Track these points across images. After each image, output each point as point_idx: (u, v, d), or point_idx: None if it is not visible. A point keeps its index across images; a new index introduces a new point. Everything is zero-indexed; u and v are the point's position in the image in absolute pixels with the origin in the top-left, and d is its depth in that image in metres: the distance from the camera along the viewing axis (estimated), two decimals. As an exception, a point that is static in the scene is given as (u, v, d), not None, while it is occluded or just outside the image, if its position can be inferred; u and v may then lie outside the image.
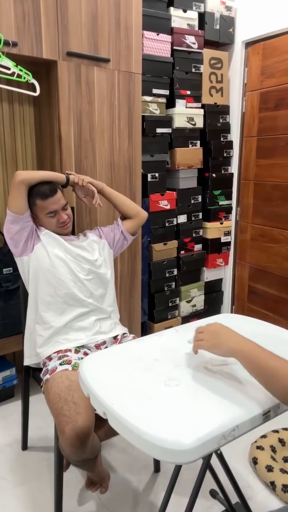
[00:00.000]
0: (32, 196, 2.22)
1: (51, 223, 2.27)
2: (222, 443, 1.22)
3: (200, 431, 1.20)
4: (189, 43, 3.42)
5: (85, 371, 1.53)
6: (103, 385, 1.44)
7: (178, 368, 1.54)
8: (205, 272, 3.98)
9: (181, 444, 1.16)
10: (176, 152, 3.50)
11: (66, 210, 2.30)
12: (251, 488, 2.34)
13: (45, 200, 2.20)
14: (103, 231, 2.54)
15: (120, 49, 2.89)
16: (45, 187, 2.21)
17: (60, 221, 2.27)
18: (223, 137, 3.81)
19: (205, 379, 1.47)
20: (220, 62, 3.67)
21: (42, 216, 2.25)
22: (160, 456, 1.18)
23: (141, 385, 1.43)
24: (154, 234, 3.49)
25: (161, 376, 1.49)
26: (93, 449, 1.91)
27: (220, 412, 1.28)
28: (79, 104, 2.79)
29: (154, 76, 3.28)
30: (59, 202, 2.24)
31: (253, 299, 3.96)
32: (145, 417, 1.26)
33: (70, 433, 1.75)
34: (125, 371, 1.53)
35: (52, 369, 2.02)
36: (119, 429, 1.29)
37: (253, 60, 3.64)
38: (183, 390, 1.40)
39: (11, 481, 2.39)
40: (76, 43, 2.71)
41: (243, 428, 1.27)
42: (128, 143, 3.06)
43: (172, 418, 1.26)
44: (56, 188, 2.25)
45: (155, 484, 2.37)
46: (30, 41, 2.55)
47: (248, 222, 3.89)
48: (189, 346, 1.71)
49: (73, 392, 1.86)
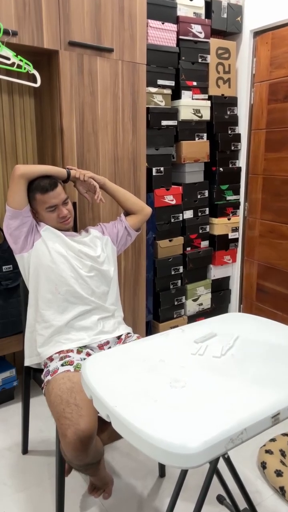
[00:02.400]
0: (31, 190, 2.23)
1: (51, 218, 2.28)
2: (229, 447, 1.20)
3: (207, 435, 1.18)
4: (196, 32, 3.41)
5: (87, 372, 1.52)
6: (106, 386, 1.43)
7: (184, 369, 1.53)
8: (212, 270, 3.97)
9: (187, 448, 1.14)
10: (182, 145, 3.49)
11: (66, 204, 2.31)
12: (259, 494, 2.33)
13: (45, 194, 2.21)
14: (106, 227, 2.54)
15: (124, 38, 2.89)
16: (45, 181, 2.22)
17: (60, 215, 2.28)
18: (230, 130, 3.79)
19: (212, 381, 1.45)
20: (227, 52, 3.66)
21: (42, 211, 2.26)
22: (165, 460, 1.17)
23: (145, 387, 1.42)
24: (159, 230, 3.48)
25: (167, 377, 1.47)
26: (96, 453, 1.90)
27: (227, 414, 1.27)
28: (81, 95, 2.78)
29: (159, 66, 3.27)
30: (59, 197, 2.25)
31: (261, 297, 3.95)
32: (150, 420, 1.24)
33: (72, 436, 1.75)
34: (129, 372, 1.52)
35: (53, 370, 2.01)
36: (123, 432, 1.28)
37: (262, 50, 3.62)
38: (189, 392, 1.39)
39: (11, 486, 2.38)
40: (79, 32, 2.70)
41: (251, 432, 1.25)
42: (132, 136, 3.06)
43: (178, 421, 1.24)
44: (57, 182, 2.26)
45: (160, 489, 2.37)
46: (31, 30, 2.54)
47: (257, 218, 3.88)
48: (195, 346, 1.70)
49: (75, 394, 1.86)
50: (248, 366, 1.54)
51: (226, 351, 1.65)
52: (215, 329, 1.83)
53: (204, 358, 1.61)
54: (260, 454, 2.52)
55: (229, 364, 1.57)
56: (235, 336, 1.78)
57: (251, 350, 1.67)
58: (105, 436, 2.11)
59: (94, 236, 2.44)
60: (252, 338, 1.78)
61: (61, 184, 2.30)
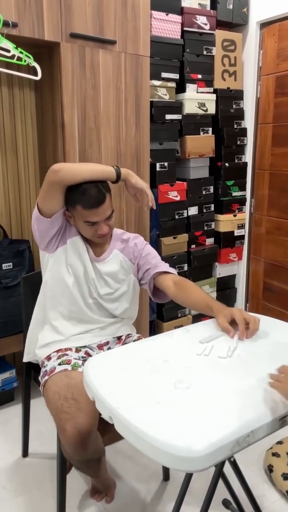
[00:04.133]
0: (73, 198, 2.00)
1: (87, 231, 2.06)
2: (235, 450, 1.20)
3: (212, 437, 1.18)
4: (201, 24, 3.40)
5: (90, 373, 1.52)
6: (109, 387, 1.43)
7: (188, 370, 1.53)
8: (217, 268, 3.96)
9: (192, 451, 1.14)
10: (186, 140, 3.49)
11: (109, 220, 2.07)
12: (266, 498, 2.33)
13: (88, 210, 1.97)
14: (141, 255, 2.26)
15: (127, 30, 2.88)
16: (92, 194, 1.96)
17: (98, 232, 2.05)
18: (236, 124, 3.79)
19: (218, 382, 1.45)
20: (233, 44, 3.65)
21: (79, 221, 2.03)
22: (169, 463, 1.16)
23: (149, 388, 1.42)
24: (163, 227, 3.48)
25: (171, 378, 1.47)
26: (96, 448, 1.91)
27: (233, 416, 1.27)
28: (83, 89, 2.78)
29: (163, 59, 3.26)
30: (103, 214, 2.01)
31: (268, 296, 3.94)
32: (154, 422, 1.24)
33: (71, 430, 1.76)
34: (132, 373, 1.52)
35: (50, 369, 2.01)
36: (126, 434, 1.27)
37: (269, 42, 3.61)
38: (194, 393, 1.39)
39: (11, 490, 2.38)
40: (80, 24, 2.70)
41: (258, 434, 1.25)
42: (135, 131, 3.05)
43: (182, 423, 1.24)
44: (105, 197, 1.99)
45: (164, 493, 2.36)
46: (31, 21, 2.54)
47: (263, 215, 3.87)
48: (200, 346, 1.70)
49: (72, 389, 1.87)
50: (255, 366, 1.54)
51: (232, 351, 1.65)
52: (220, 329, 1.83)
53: (209, 359, 1.61)
54: (267, 457, 2.52)
55: (235, 365, 1.57)
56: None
57: (257, 350, 1.67)
58: (106, 438, 2.11)
59: (121, 267, 2.23)
60: (258, 338, 1.78)
61: (109, 194, 2.05)
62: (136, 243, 2.26)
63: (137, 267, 2.25)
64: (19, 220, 3.18)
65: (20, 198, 3.14)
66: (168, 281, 2.12)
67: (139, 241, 2.28)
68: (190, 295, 2.05)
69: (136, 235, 2.30)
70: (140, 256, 2.24)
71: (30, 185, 3.17)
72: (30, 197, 3.18)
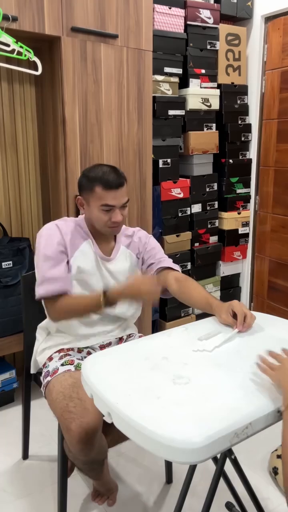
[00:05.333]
0: (92, 180, 1.99)
1: (101, 219, 2.01)
2: (234, 441, 1.23)
3: (211, 429, 1.20)
4: (204, 18, 3.40)
5: (88, 371, 1.53)
6: (107, 384, 1.45)
7: (187, 366, 1.55)
8: (221, 266, 3.96)
9: (191, 442, 1.17)
10: (189, 136, 3.49)
11: (124, 209, 2.06)
12: (271, 501, 2.32)
13: (107, 190, 1.96)
14: (146, 249, 2.26)
15: (129, 24, 2.88)
16: (113, 177, 1.97)
17: (112, 220, 2.00)
18: (240, 120, 3.78)
19: (216, 376, 1.47)
20: (237, 39, 3.65)
21: (95, 207, 2.00)
22: (169, 456, 1.19)
23: (148, 384, 1.43)
24: (166, 225, 3.48)
25: (170, 374, 1.49)
26: (101, 448, 1.92)
27: (232, 409, 1.29)
28: (84, 84, 2.78)
29: (166, 53, 3.26)
30: (121, 198, 2.00)
31: (273, 295, 3.94)
32: (153, 416, 1.26)
33: (76, 430, 1.76)
34: (131, 370, 1.54)
35: (53, 370, 2.01)
36: (125, 430, 1.29)
37: (273, 36, 3.61)
38: (193, 388, 1.41)
39: (11, 493, 2.38)
40: (82, 18, 2.70)
41: (256, 426, 1.28)
42: (137, 126, 3.05)
43: (182, 416, 1.26)
44: (124, 182, 2.01)
45: (167, 496, 2.36)
46: (31, 15, 2.54)
47: (268, 212, 3.87)
48: (199, 344, 1.71)
49: (77, 389, 1.87)
50: (253, 361, 1.54)
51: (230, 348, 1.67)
52: (220, 327, 1.84)
53: (209, 355, 1.63)
54: (272, 459, 2.52)
55: (234, 360, 1.59)
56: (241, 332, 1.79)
57: (257, 346, 1.68)
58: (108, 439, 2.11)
59: (129, 265, 2.22)
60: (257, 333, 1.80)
61: (126, 182, 2.05)
62: (140, 237, 2.27)
63: (141, 261, 2.26)
64: (19, 218, 3.18)
65: (20, 195, 3.14)
66: (170, 278, 2.14)
67: (143, 234, 2.29)
68: (192, 292, 2.08)
69: (138, 229, 2.32)
70: (145, 250, 2.25)
71: (31, 182, 3.17)
72: (30, 195, 3.18)
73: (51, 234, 2.04)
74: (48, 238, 2.03)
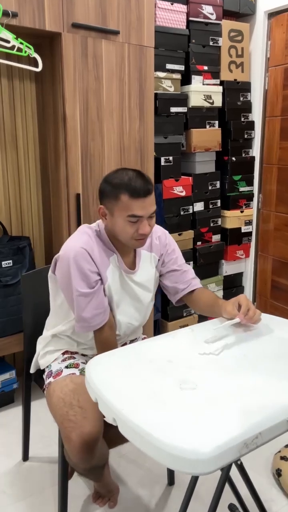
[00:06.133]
0: (117, 188, 1.83)
1: (127, 231, 1.85)
2: (243, 452, 1.20)
3: (219, 439, 1.18)
4: (207, 14, 3.39)
5: (92, 374, 1.52)
6: (112, 388, 1.43)
7: (194, 370, 1.53)
8: (224, 265, 3.96)
9: (199, 453, 1.14)
10: (192, 133, 3.48)
11: (152, 219, 1.91)
12: (274, 503, 2.32)
13: (135, 199, 1.80)
14: (168, 252, 2.17)
15: (130, 20, 2.88)
16: (139, 181, 1.81)
17: (140, 232, 1.84)
18: (243, 117, 3.78)
19: (224, 382, 1.45)
20: (240, 35, 3.64)
21: (121, 217, 1.84)
22: (175, 466, 1.16)
23: (154, 389, 1.41)
24: (168, 224, 3.48)
25: (176, 379, 1.47)
26: (101, 455, 1.90)
27: (241, 418, 1.26)
28: (85, 80, 2.78)
29: (168, 50, 3.25)
30: (150, 207, 1.84)
31: (276, 295, 3.94)
32: (159, 424, 1.24)
33: (77, 440, 1.75)
34: (135, 373, 1.52)
35: (56, 372, 2.00)
36: (130, 437, 1.27)
37: (277, 32, 3.60)
38: (200, 394, 1.39)
39: (11, 495, 2.38)
40: (82, 14, 2.69)
41: (266, 436, 1.25)
42: (139, 124, 3.05)
43: (188, 424, 1.24)
44: (152, 188, 1.85)
45: (169, 498, 2.36)
46: (32, 11, 2.54)
47: (271, 211, 3.86)
48: (206, 346, 1.70)
49: (78, 396, 1.85)
50: (262, 366, 1.53)
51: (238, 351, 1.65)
52: (226, 329, 1.83)
53: (215, 358, 1.61)
54: (275, 461, 2.51)
55: (242, 365, 1.57)
56: (248, 335, 1.78)
57: (264, 350, 1.66)
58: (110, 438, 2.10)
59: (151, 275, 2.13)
60: (264, 336, 1.78)
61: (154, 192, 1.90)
62: (159, 236, 2.16)
63: (161, 262, 2.16)
64: (19, 216, 3.18)
65: (20, 193, 3.14)
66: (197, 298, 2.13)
67: (161, 232, 2.19)
68: (200, 296, 2.08)
69: None
70: (166, 252, 2.16)
71: (31, 180, 3.16)
72: (30, 193, 3.18)
73: (80, 264, 1.86)
74: (79, 268, 1.86)
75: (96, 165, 2.93)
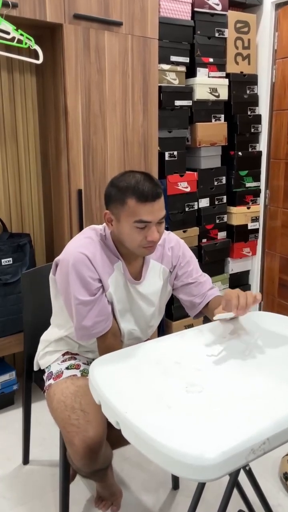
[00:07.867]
0: (123, 192, 1.77)
1: (135, 238, 1.79)
2: (251, 458, 1.19)
3: (226, 445, 1.16)
4: (212, 4, 3.38)
5: (96, 375, 1.51)
6: (116, 391, 1.42)
7: (201, 372, 1.52)
8: (230, 263, 3.95)
9: (204, 459, 1.13)
10: (197, 127, 3.47)
11: (161, 225, 1.84)
12: (282, 507, 2.31)
13: (143, 204, 1.74)
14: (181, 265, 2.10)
15: (134, 11, 2.86)
16: (147, 184, 1.75)
17: (148, 238, 1.78)
18: (250, 111, 3.77)
19: (232, 385, 1.44)
20: (247, 26, 3.62)
21: (127, 223, 1.78)
22: (180, 472, 1.15)
23: (159, 392, 1.41)
24: (173, 220, 3.47)
25: (182, 381, 1.46)
26: (105, 458, 1.90)
27: (248, 422, 1.25)
28: (87, 73, 2.77)
29: (173, 41, 3.24)
30: (159, 212, 1.78)
31: (284, 293, 3.93)
32: (164, 428, 1.23)
33: (80, 444, 1.74)
34: (141, 375, 1.51)
35: (57, 373, 1.99)
36: (134, 441, 1.26)
37: (284, 23, 3.59)
38: (207, 397, 1.38)
39: (10, 499, 2.38)
40: (84, 4, 2.68)
41: (275, 442, 1.23)
42: (143, 117, 3.04)
43: (194, 429, 1.23)
44: (161, 192, 1.80)
45: (174, 503, 2.35)
46: (32, 1, 2.53)
47: (279, 207, 3.85)
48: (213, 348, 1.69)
49: (80, 399, 1.84)
50: (271, 369, 1.52)
51: (247, 353, 1.64)
52: (234, 329, 1.82)
53: (223, 361, 1.60)
54: (283, 464, 2.51)
55: (250, 367, 1.55)
56: (256, 337, 1.77)
57: (273, 352, 1.65)
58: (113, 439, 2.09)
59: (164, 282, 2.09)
60: (274, 339, 1.76)
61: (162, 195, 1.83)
62: (172, 247, 2.09)
63: (174, 276, 2.10)
64: (20, 213, 3.17)
65: (21, 189, 3.14)
66: None
67: (174, 242, 2.11)
68: (215, 307, 2.01)
69: (167, 233, 2.13)
70: (179, 265, 2.08)
71: (31, 175, 3.16)
72: (31, 189, 3.18)
73: (80, 271, 1.82)
74: (79, 275, 1.82)
75: (98, 160, 2.92)
